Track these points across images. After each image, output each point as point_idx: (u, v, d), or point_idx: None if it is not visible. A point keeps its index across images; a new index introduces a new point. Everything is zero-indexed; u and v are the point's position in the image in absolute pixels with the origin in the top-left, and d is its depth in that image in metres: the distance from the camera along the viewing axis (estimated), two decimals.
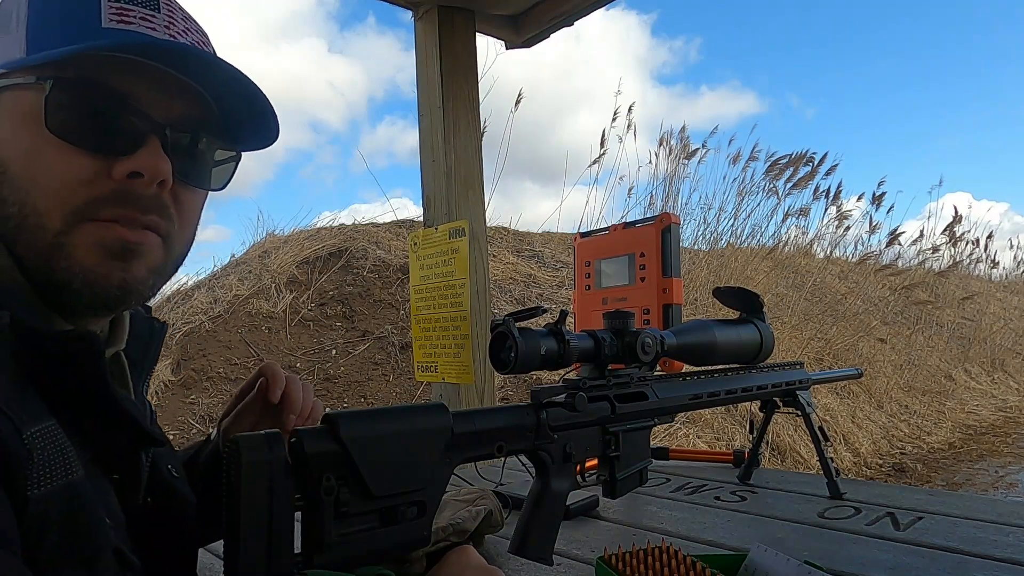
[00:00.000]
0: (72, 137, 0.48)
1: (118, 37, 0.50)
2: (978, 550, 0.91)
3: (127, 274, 0.50)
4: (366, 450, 0.54)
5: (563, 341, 0.72)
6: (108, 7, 0.50)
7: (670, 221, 1.22)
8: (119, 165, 0.49)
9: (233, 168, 0.60)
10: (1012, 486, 4.28)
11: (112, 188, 0.49)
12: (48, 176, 0.48)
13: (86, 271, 0.49)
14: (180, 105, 0.53)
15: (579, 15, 1.71)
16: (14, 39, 0.50)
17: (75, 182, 0.48)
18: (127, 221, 0.50)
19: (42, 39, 0.49)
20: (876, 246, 7.42)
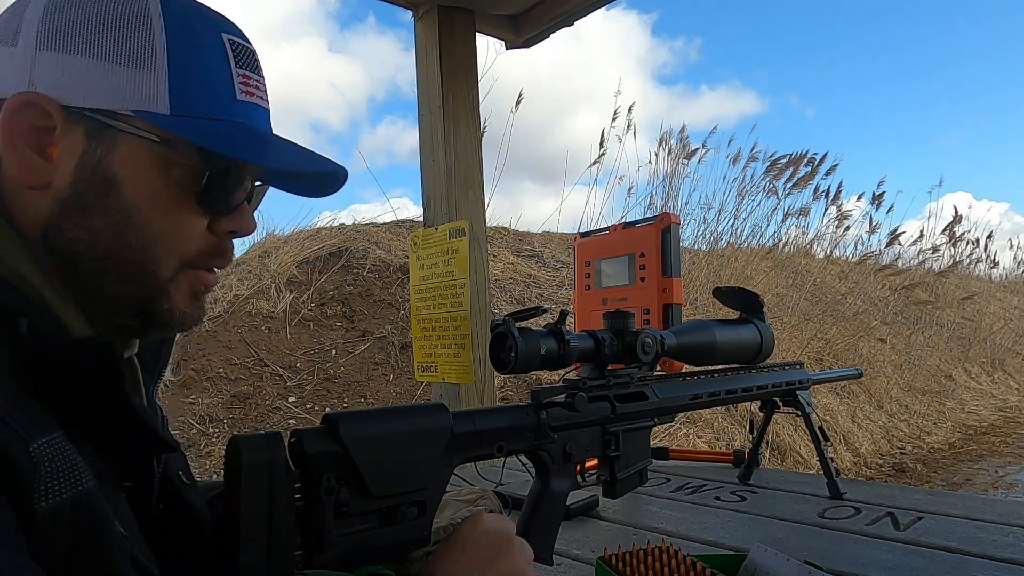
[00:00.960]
0: (203, 201, 0.54)
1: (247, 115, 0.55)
2: (978, 550, 0.91)
3: (202, 312, 0.58)
4: (366, 450, 0.54)
5: (563, 341, 0.72)
6: (237, 76, 0.55)
7: (670, 221, 1.22)
8: (223, 224, 0.56)
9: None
10: (1012, 486, 4.28)
11: (214, 244, 0.56)
12: (174, 232, 0.53)
13: (182, 312, 0.55)
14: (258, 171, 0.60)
15: (579, 15, 1.71)
16: (148, 80, 0.51)
17: (192, 238, 0.54)
18: (216, 269, 0.58)
19: (185, 98, 0.52)
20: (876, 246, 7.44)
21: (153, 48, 0.52)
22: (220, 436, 3.57)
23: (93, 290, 0.51)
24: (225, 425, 3.67)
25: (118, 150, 0.51)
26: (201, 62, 0.53)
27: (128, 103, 0.51)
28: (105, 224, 0.51)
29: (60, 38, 0.50)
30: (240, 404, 3.82)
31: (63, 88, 0.50)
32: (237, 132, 0.54)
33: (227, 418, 3.72)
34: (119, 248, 0.51)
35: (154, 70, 0.51)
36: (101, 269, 0.51)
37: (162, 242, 0.52)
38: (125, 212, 0.51)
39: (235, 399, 3.84)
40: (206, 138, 0.52)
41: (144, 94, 0.51)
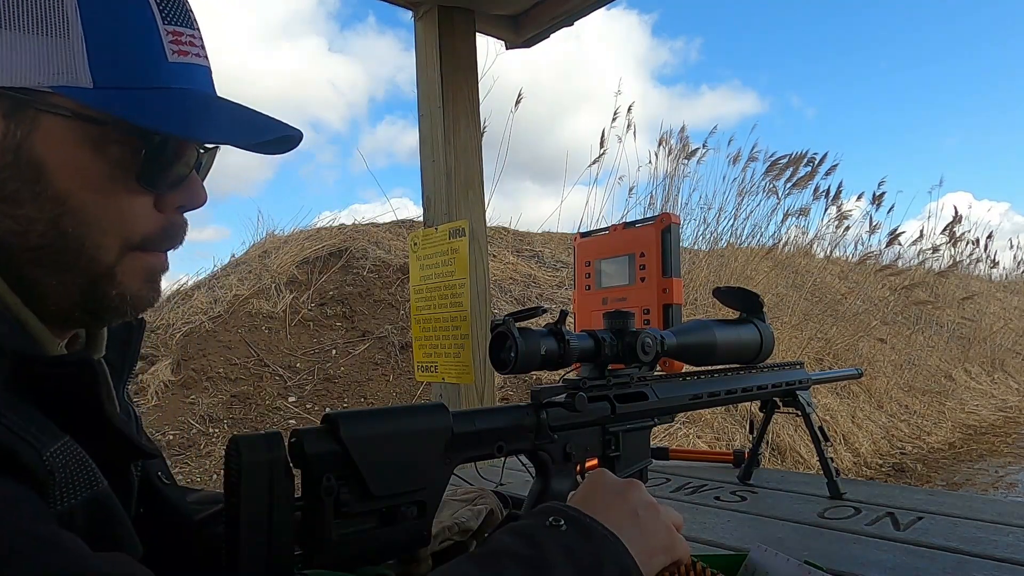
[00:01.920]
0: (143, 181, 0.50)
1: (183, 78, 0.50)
2: (978, 550, 0.91)
3: (157, 294, 0.54)
4: (366, 450, 0.54)
5: (563, 341, 0.72)
6: (166, 34, 0.49)
7: (670, 221, 1.22)
8: (171, 199, 0.52)
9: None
10: (1012, 486, 4.28)
11: (162, 224, 0.52)
12: (113, 214, 0.49)
13: (132, 296, 0.52)
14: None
15: (579, 15, 1.71)
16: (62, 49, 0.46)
17: (135, 219, 0.51)
18: (167, 250, 0.54)
19: (107, 67, 0.47)
20: (876, 246, 7.43)
21: (63, 11, 0.46)
22: (220, 436, 3.57)
23: (29, 282, 0.48)
24: (225, 425, 3.67)
25: (40, 131, 0.46)
26: (122, 23, 0.48)
27: (43, 77, 0.45)
28: (36, 212, 0.47)
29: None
30: (240, 404, 3.82)
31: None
32: (171, 102, 0.49)
33: (227, 418, 3.72)
34: (54, 237, 0.47)
35: (67, 37, 0.46)
36: (35, 259, 0.48)
37: (100, 226, 0.49)
38: (57, 198, 0.47)
39: (235, 399, 3.84)
40: (136, 113, 0.47)
41: (60, 66, 0.46)
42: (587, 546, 0.51)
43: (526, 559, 0.48)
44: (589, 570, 0.49)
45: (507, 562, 0.47)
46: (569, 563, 0.48)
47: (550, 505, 0.56)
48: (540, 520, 0.52)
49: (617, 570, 0.50)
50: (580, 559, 0.49)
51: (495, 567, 0.47)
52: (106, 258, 0.49)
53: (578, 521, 0.53)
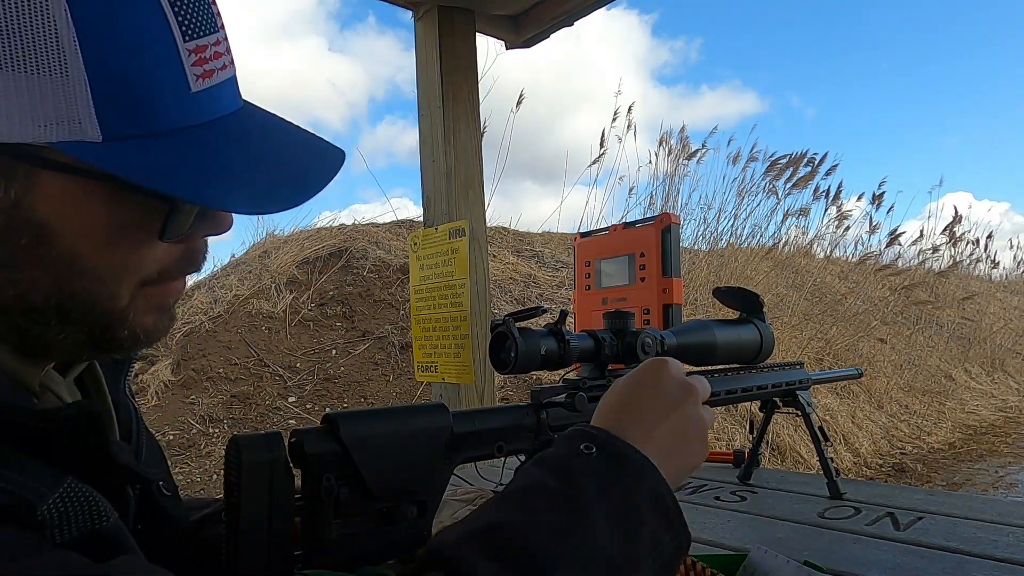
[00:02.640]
0: (165, 236, 0.43)
1: (207, 107, 0.42)
2: (978, 550, 0.91)
3: (172, 320, 0.49)
4: (366, 450, 0.54)
5: (563, 341, 0.72)
6: (188, 55, 0.40)
7: (670, 221, 1.22)
8: (193, 233, 0.46)
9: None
10: (1012, 486, 4.28)
11: (181, 255, 0.46)
12: (129, 264, 0.43)
13: (145, 331, 0.46)
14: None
15: (579, 15, 1.71)
16: (59, 92, 0.36)
17: (153, 261, 0.45)
18: (186, 275, 0.48)
19: (118, 113, 0.38)
20: (876, 246, 7.44)
21: (59, 42, 0.36)
22: (220, 436, 3.57)
23: (32, 338, 0.42)
24: (225, 425, 3.67)
25: (40, 189, 0.39)
26: (135, 54, 0.38)
27: (38, 131, 0.36)
28: (39, 275, 0.40)
29: None
30: (240, 404, 3.82)
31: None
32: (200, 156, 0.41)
33: (227, 418, 3.72)
34: (60, 298, 0.41)
35: (65, 77, 0.36)
36: (39, 320, 0.42)
37: (114, 279, 0.43)
38: (65, 260, 0.40)
39: (235, 399, 3.84)
40: (155, 177, 0.39)
41: (59, 114, 0.37)
42: (619, 474, 0.48)
43: (558, 493, 0.45)
44: (622, 501, 0.46)
45: (539, 500, 0.45)
46: (601, 495, 0.45)
47: (582, 428, 0.53)
48: (572, 447, 0.49)
49: (650, 498, 0.47)
50: (614, 494, 0.46)
51: (528, 506, 0.45)
52: (119, 305, 0.44)
53: (610, 446, 0.49)
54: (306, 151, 0.48)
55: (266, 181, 0.44)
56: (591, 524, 0.44)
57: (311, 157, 0.48)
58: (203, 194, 0.40)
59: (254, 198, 0.42)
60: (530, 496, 0.46)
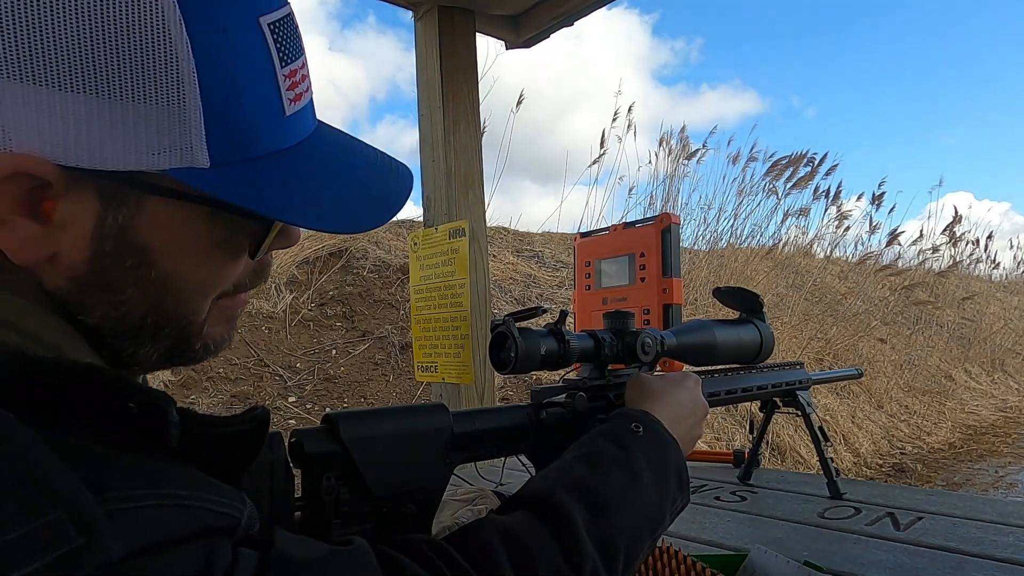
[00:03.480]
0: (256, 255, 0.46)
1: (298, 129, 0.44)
2: (978, 550, 0.91)
3: (234, 330, 0.51)
4: (366, 450, 0.54)
5: (563, 341, 0.72)
6: (283, 79, 0.42)
7: (670, 221, 1.22)
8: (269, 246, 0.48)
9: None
10: (1012, 486, 4.28)
11: (253, 268, 0.48)
12: (214, 281, 0.45)
13: (215, 342, 0.48)
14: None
15: (579, 15, 1.71)
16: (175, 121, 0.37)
17: (232, 277, 0.46)
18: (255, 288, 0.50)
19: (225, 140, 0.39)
20: (876, 246, 7.44)
21: (179, 74, 0.37)
22: None
23: (125, 357, 0.44)
24: None
25: (146, 214, 0.40)
26: (244, 81, 0.39)
27: (152, 159, 0.37)
28: (137, 297, 0.42)
29: (34, 63, 0.34)
30: (240, 404, 3.82)
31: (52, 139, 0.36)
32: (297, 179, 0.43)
33: None
34: (155, 318, 0.43)
35: (182, 106, 0.37)
36: (134, 338, 0.43)
37: (203, 295, 0.45)
38: (162, 281, 0.42)
39: (235, 399, 3.84)
40: (257, 200, 0.40)
41: (173, 143, 0.38)
42: (660, 451, 0.61)
43: (622, 463, 0.57)
44: (661, 469, 0.60)
45: (610, 465, 0.57)
46: (649, 467, 0.58)
47: (627, 411, 0.66)
48: (625, 425, 0.62)
49: (675, 471, 0.61)
50: (655, 463, 0.59)
51: (604, 469, 0.56)
52: (200, 319, 0.46)
53: (652, 428, 0.63)
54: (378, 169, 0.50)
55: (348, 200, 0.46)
56: (642, 483, 0.57)
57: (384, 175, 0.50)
58: (295, 214, 0.42)
59: (338, 216, 0.44)
60: (600, 460, 0.57)
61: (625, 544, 0.52)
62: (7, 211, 0.37)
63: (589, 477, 0.55)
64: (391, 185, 0.49)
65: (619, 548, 0.52)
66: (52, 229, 0.38)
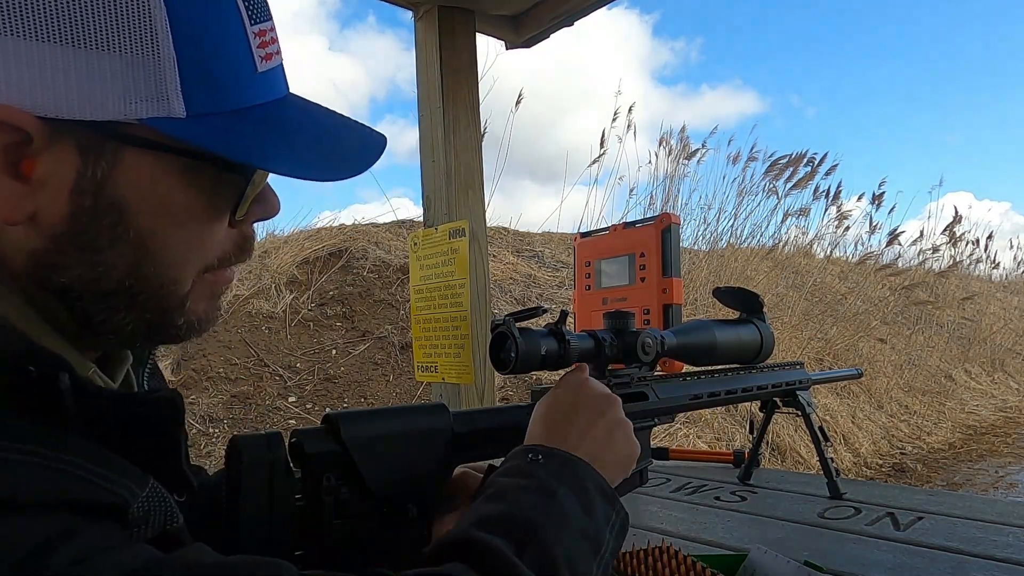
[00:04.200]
0: (237, 213, 0.46)
1: (270, 87, 0.45)
2: (978, 550, 0.91)
3: (219, 310, 0.50)
4: (366, 450, 0.54)
5: (563, 341, 0.72)
6: (254, 37, 0.43)
7: (670, 221, 1.22)
8: (247, 216, 0.48)
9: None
10: (1012, 486, 4.28)
11: (237, 241, 0.48)
12: (197, 246, 0.44)
13: (198, 319, 0.47)
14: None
15: (579, 15, 1.71)
16: (152, 72, 0.38)
17: (216, 245, 0.46)
18: (239, 263, 0.49)
19: (200, 91, 0.40)
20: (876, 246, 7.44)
21: (152, 24, 0.38)
22: (220, 436, 3.57)
23: (95, 323, 0.43)
24: (225, 425, 3.67)
25: (124, 166, 0.40)
26: (214, 35, 0.41)
27: (129, 107, 0.38)
28: (115, 258, 0.41)
29: (12, 14, 0.35)
30: (240, 404, 3.82)
31: (31, 91, 0.36)
32: (270, 130, 0.44)
33: (227, 418, 3.72)
34: (132, 281, 0.42)
35: (157, 56, 0.38)
36: (109, 304, 0.42)
37: (184, 261, 0.44)
38: (141, 241, 0.41)
39: (235, 399, 3.84)
40: (236, 148, 0.41)
41: (149, 93, 0.38)
42: (569, 469, 0.56)
43: (532, 487, 0.53)
44: (576, 485, 0.55)
45: (519, 492, 0.52)
46: (560, 482, 0.54)
47: (523, 447, 0.60)
48: (522, 459, 0.57)
49: (595, 485, 0.56)
50: (568, 481, 0.55)
51: (514, 498, 0.51)
52: (182, 290, 0.45)
53: (552, 453, 0.58)
54: (351, 128, 0.51)
55: (325, 154, 0.47)
56: (560, 500, 0.52)
57: (357, 131, 0.51)
58: (276, 164, 0.43)
59: (319, 167, 0.45)
60: (509, 491, 0.53)
61: (566, 560, 0.48)
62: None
63: (500, 510, 0.50)
64: (366, 140, 0.50)
65: (559, 564, 0.47)
66: (32, 187, 0.38)
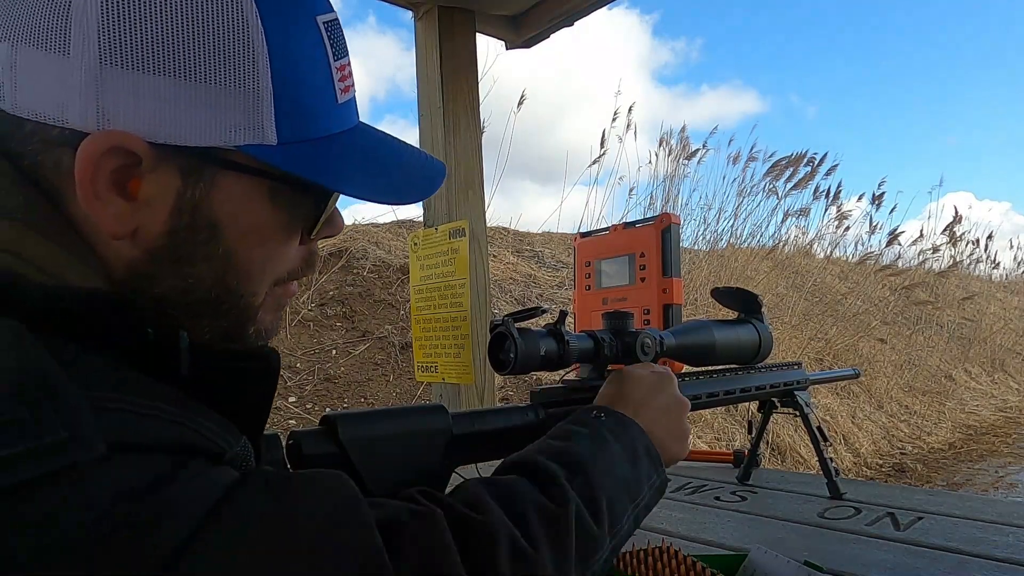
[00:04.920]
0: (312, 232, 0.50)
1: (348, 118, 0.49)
2: (978, 550, 0.91)
3: (281, 320, 0.53)
4: (365, 452, 0.54)
5: (563, 342, 0.72)
6: (336, 71, 0.47)
7: (670, 221, 1.22)
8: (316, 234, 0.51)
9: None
10: (1012, 486, 4.28)
11: (305, 257, 0.52)
12: (274, 262, 0.48)
13: (266, 329, 0.51)
14: None
15: (580, 15, 1.71)
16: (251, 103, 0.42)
17: (289, 261, 0.50)
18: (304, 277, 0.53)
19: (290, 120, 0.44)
20: (876, 246, 7.44)
21: (254, 61, 0.42)
22: None
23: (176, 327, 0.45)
24: None
25: (219, 189, 0.44)
26: (306, 69, 0.44)
27: (229, 136, 0.42)
28: (205, 271, 0.45)
29: (132, 51, 0.39)
30: None
31: (145, 119, 0.40)
32: (349, 155, 0.48)
33: None
34: (218, 293, 0.46)
35: (256, 89, 0.42)
36: (195, 313, 0.46)
37: (262, 275, 0.48)
38: (226, 256, 0.45)
39: None
40: (323, 173, 0.45)
41: (247, 122, 0.42)
42: (624, 429, 0.64)
43: (589, 436, 0.61)
44: (628, 442, 0.63)
45: (578, 437, 0.60)
46: (615, 440, 0.62)
47: (589, 405, 0.69)
48: (587, 414, 0.66)
49: (644, 447, 0.64)
50: (621, 438, 0.63)
51: (573, 440, 0.60)
52: (257, 302, 0.48)
53: (614, 414, 0.66)
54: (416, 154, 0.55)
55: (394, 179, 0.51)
56: (611, 451, 0.60)
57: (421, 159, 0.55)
58: (353, 188, 0.47)
59: (389, 191, 0.50)
60: (569, 435, 0.61)
61: (606, 497, 0.55)
62: (103, 188, 0.41)
63: (561, 445, 0.59)
64: (429, 167, 0.55)
65: (600, 499, 0.54)
66: (137, 206, 0.42)
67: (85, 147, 0.39)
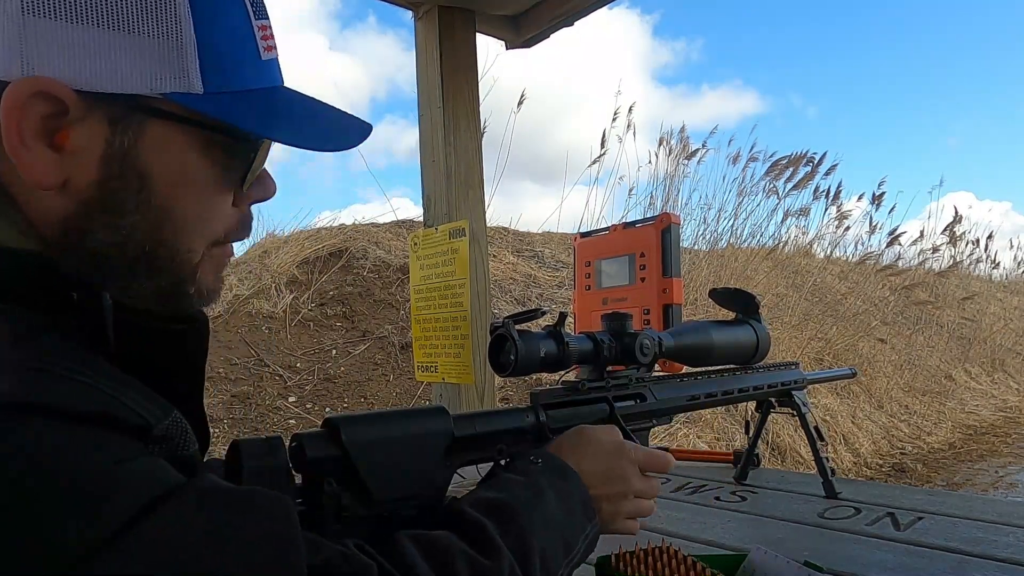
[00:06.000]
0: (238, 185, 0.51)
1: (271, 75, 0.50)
2: (978, 550, 0.91)
3: (222, 283, 0.54)
4: (367, 454, 0.54)
5: (562, 343, 0.72)
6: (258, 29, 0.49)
7: (670, 221, 1.22)
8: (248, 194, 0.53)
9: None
10: (1012, 486, 4.28)
11: (240, 218, 0.53)
12: (209, 217, 0.49)
13: (208, 290, 0.52)
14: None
15: (580, 15, 1.71)
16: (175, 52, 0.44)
17: (223, 218, 0.51)
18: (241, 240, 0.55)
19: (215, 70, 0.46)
20: (876, 246, 7.42)
21: (176, 11, 0.44)
22: (220, 436, 3.57)
23: (118, 287, 0.46)
24: (225, 425, 3.67)
25: (148, 137, 0.45)
26: (227, 22, 0.47)
27: (155, 83, 0.43)
28: (139, 222, 0.45)
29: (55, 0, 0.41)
30: (240, 404, 3.82)
31: (70, 68, 0.41)
32: (275, 107, 0.50)
33: (227, 418, 3.72)
34: (152, 245, 0.46)
35: (180, 38, 0.44)
36: (131, 268, 0.46)
37: (196, 230, 0.48)
38: (160, 207, 0.46)
39: (235, 399, 3.84)
40: (247, 119, 0.47)
41: (172, 70, 0.44)
42: (560, 477, 0.63)
43: (524, 483, 0.60)
44: (564, 495, 0.61)
45: (512, 485, 0.59)
46: (550, 488, 0.60)
47: (530, 451, 0.67)
48: (525, 461, 0.64)
49: (579, 499, 0.62)
50: (557, 487, 0.61)
51: (507, 488, 0.59)
52: (194, 259, 0.49)
53: (551, 461, 0.64)
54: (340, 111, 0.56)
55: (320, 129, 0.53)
56: (546, 500, 0.59)
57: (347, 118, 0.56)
58: (280, 134, 0.49)
59: (316, 139, 0.52)
60: (503, 483, 0.60)
61: (539, 547, 0.54)
62: (31, 136, 0.41)
63: (493, 495, 0.57)
64: (354, 122, 0.56)
65: (533, 549, 0.53)
66: (66, 156, 0.43)
67: (9, 92, 0.40)
